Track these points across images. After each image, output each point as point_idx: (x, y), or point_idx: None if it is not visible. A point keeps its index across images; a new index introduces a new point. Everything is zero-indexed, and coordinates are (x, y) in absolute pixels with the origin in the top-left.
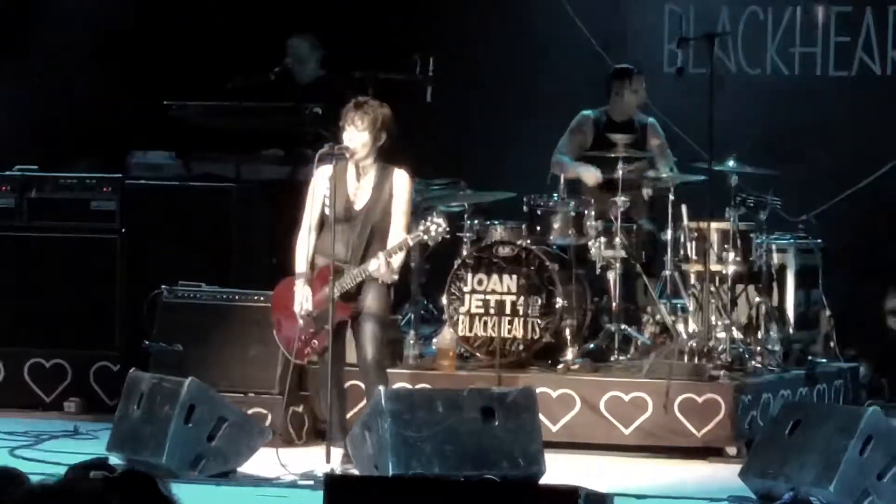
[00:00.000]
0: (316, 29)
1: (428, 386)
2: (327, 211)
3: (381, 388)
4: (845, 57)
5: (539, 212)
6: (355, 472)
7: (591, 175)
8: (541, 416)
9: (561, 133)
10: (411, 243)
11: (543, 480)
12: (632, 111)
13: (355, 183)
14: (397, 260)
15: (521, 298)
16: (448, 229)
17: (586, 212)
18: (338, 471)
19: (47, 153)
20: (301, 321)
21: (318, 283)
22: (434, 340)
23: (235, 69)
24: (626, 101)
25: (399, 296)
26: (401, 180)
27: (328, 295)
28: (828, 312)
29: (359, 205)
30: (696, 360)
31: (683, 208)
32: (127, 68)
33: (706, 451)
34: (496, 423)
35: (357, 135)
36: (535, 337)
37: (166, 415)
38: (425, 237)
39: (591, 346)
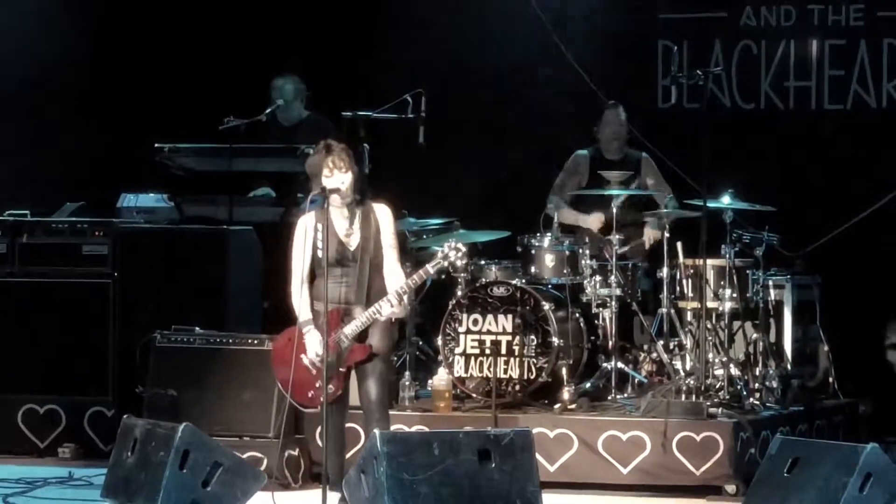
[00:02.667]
0: (303, 69)
1: (424, 428)
2: (319, 252)
3: (377, 430)
4: (840, 90)
5: (533, 251)
6: None
7: (594, 221)
8: (538, 457)
9: (555, 172)
10: (432, 271)
11: None
12: (609, 146)
13: (345, 224)
14: (408, 295)
15: (517, 338)
16: (467, 253)
17: (581, 250)
18: None
19: (38, 198)
20: (314, 368)
21: (329, 328)
22: (429, 381)
23: (226, 111)
24: (602, 135)
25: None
26: (383, 212)
27: (339, 337)
28: (826, 347)
29: (352, 245)
30: (693, 398)
31: (679, 245)
32: (118, 111)
33: (705, 490)
34: (493, 465)
35: (343, 176)
36: (532, 377)
37: (161, 460)
38: (445, 263)
39: (588, 385)
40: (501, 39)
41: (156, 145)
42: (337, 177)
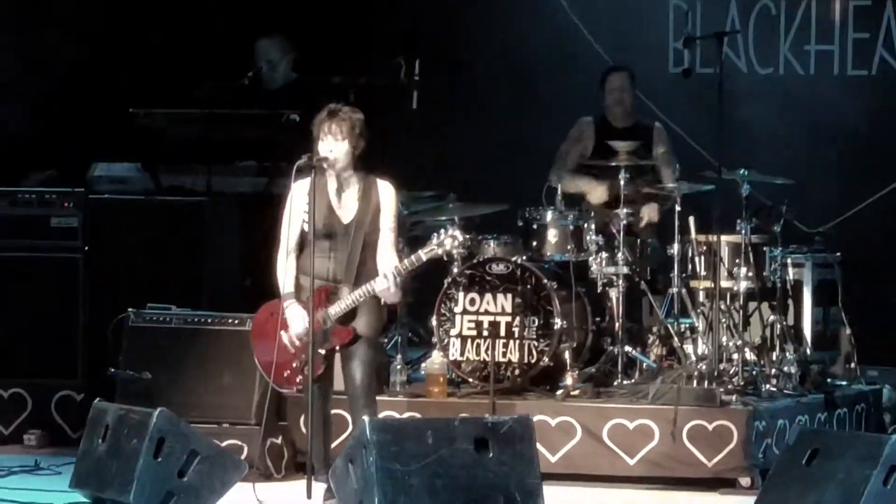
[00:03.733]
0: (288, 30)
1: (416, 415)
2: (306, 226)
3: (366, 417)
4: (864, 54)
5: (535, 226)
6: None
7: (596, 192)
8: (539, 447)
9: (558, 140)
10: (424, 258)
11: None
12: (613, 113)
13: (337, 196)
14: (401, 278)
15: (517, 319)
16: (465, 242)
17: (586, 225)
18: None
19: (2, 166)
20: (291, 345)
21: (314, 306)
22: (423, 365)
23: (205, 74)
24: (607, 102)
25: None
26: (387, 192)
27: (323, 317)
28: (848, 331)
29: (346, 218)
30: (705, 385)
31: (691, 221)
32: (90, 73)
33: (717, 483)
34: (491, 455)
35: (337, 145)
36: (532, 361)
37: (134, 449)
38: (440, 251)
39: (593, 369)
40: None
41: (130, 110)
42: (329, 143)
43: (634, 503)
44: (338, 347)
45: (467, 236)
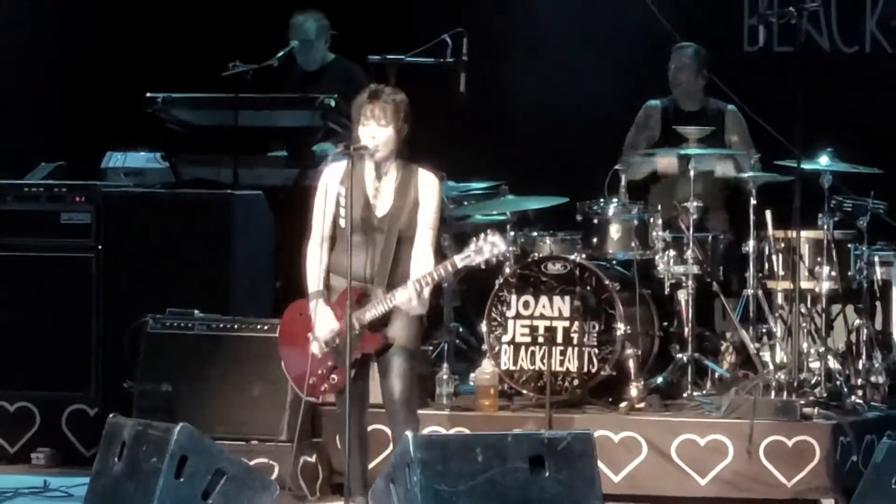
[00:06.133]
0: (324, 5)
1: (465, 430)
2: (342, 220)
3: (410, 433)
4: None
5: (596, 220)
6: None
7: (664, 161)
8: (600, 465)
9: (622, 126)
10: (459, 265)
11: None
12: (679, 95)
13: (375, 184)
14: (429, 288)
15: (576, 324)
16: (507, 251)
17: (652, 220)
18: None
19: (7, 156)
20: (318, 351)
21: (338, 307)
22: (472, 376)
23: (232, 55)
24: (671, 82)
25: (429, 323)
26: (428, 184)
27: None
28: None
29: (380, 211)
30: (784, 396)
31: (768, 215)
32: (104, 54)
33: None
34: (547, 474)
35: (380, 130)
36: (593, 370)
37: (153, 468)
38: (477, 259)
39: (660, 380)
40: None
41: (147, 95)
42: (372, 129)
43: None
44: (374, 356)
45: (508, 246)
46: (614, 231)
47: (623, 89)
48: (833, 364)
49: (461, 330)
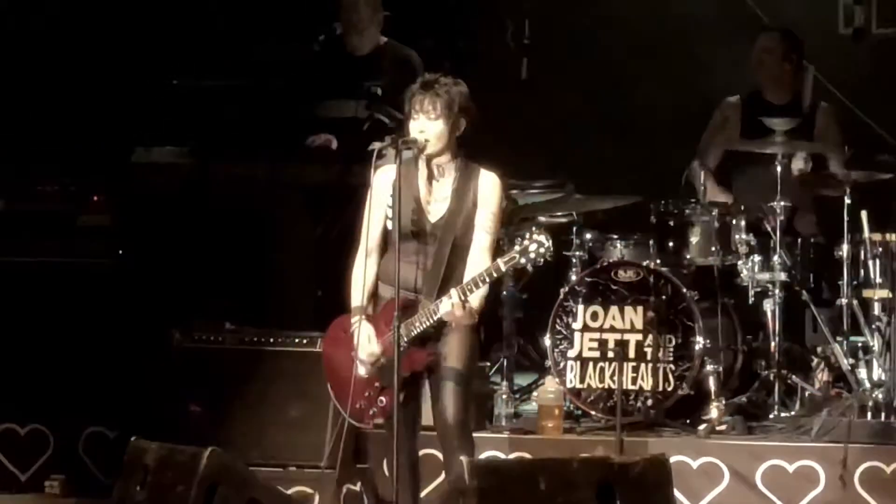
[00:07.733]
0: None
1: (526, 455)
2: (391, 225)
3: (465, 458)
4: None
5: (672, 223)
6: None
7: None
8: (677, 493)
9: (701, 119)
10: (503, 269)
11: None
12: (764, 83)
13: (427, 187)
14: (479, 295)
15: (650, 337)
16: (552, 250)
17: (734, 222)
18: None
19: (18, 153)
20: (364, 372)
21: (381, 321)
22: (534, 395)
23: (267, 36)
24: (755, 69)
25: (487, 336)
26: (489, 185)
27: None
28: None
29: (434, 216)
30: (882, 418)
31: (864, 216)
32: (125, 37)
33: None
34: (617, 503)
35: (430, 124)
36: (669, 388)
37: (180, 496)
38: (522, 260)
39: (743, 399)
40: None
41: (174, 81)
42: (421, 122)
43: None
44: (425, 375)
45: (550, 245)
46: (693, 234)
47: (703, 78)
48: None
49: (522, 344)
